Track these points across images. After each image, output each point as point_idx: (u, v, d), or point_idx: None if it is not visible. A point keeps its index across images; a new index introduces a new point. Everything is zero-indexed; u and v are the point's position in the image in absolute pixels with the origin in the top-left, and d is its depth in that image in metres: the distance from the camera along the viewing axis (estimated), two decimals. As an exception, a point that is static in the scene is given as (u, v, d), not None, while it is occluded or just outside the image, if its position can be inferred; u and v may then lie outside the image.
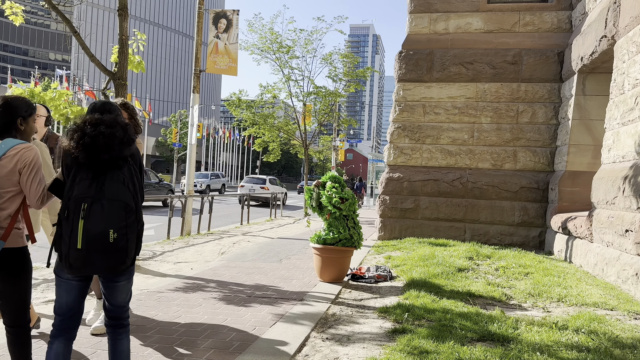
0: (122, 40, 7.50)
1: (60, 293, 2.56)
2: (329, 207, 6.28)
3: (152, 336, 3.94)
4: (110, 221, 2.31)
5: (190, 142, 12.86)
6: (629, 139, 6.49)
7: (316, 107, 19.67)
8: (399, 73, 11.35)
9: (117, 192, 2.39)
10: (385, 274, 6.62)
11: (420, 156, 11.09)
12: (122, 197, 2.39)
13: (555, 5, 10.79)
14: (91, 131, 2.42)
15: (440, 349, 3.59)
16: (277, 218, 18.11)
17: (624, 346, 3.81)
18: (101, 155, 2.40)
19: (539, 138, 10.46)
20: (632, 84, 6.54)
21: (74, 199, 2.34)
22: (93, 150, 2.40)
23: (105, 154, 2.41)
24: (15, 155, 2.61)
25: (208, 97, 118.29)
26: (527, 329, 4.17)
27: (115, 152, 2.43)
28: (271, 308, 4.95)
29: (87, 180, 2.39)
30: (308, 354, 3.75)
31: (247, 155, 71.00)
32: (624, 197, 6.18)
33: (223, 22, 13.24)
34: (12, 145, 2.64)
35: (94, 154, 2.40)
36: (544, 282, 6.12)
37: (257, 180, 27.51)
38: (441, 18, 11.33)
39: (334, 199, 6.25)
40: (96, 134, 2.41)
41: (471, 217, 10.55)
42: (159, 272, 6.92)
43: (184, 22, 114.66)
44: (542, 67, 10.50)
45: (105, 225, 2.30)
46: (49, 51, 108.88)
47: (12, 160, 2.60)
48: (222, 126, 63.27)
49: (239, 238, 11.24)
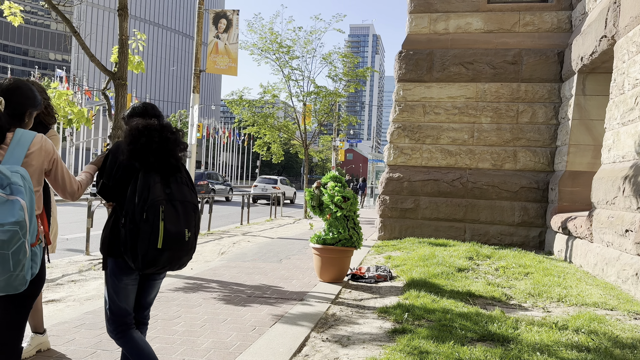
0: (122, 40, 7.49)
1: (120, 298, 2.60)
2: (330, 206, 6.27)
3: (152, 336, 3.94)
4: (185, 222, 2.50)
5: (190, 142, 12.85)
6: (629, 139, 6.49)
7: (316, 107, 19.67)
8: (399, 73, 11.35)
9: (185, 194, 2.56)
10: (385, 274, 6.62)
11: (420, 156, 11.09)
12: (190, 199, 2.57)
13: (555, 5, 10.79)
14: (158, 137, 2.53)
15: (440, 349, 3.59)
16: (277, 218, 18.11)
17: (624, 346, 3.81)
18: (170, 160, 2.55)
19: (539, 138, 10.46)
20: (632, 84, 6.54)
21: (151, 202, 2.42)
22: (163, 155, 2.53)
23: (173, 158, 2.57)
24: (40, 149, 2.34)
25: (208, 97, 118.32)
26: (527, 329, 4.16)
27: (179, 157, 2.62)
28: (271, 308, 4.95)
29: (158, 184, 2.49)
30: (308, 354, 3.75)
31: (247, 155, 70.99)
32: (624, 197, 6.18)
33: (223, 22, 13.24)
34: (32, 138, 2.31)
35: (164, 159, 2.53)
36: (544, 282, 6.12)
37: (269, 180, 29.89)
38: (441, 18, 11.33)
39: (336, 197, 6.25)
40: (164, 139, 2.54)
41: (471, 217, 10.55)
42: (159, 272, 6.91)
43: (184, 22, 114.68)
44: (542, 67, 10.50)
45: (183, 226, 2.48)
46: (49, 51, 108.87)
47: (39, 156, 2.33)
48: (222, 126, 63.23)
49: (239, 238, 11.24)
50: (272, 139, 20.34)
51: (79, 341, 3.75)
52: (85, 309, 4.71)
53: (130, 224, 2.43)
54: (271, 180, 29.79)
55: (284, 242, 10.67)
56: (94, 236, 7.88)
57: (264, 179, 30.30)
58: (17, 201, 1.97)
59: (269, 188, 27.87)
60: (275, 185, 28.90)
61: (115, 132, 7.44)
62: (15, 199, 1.96)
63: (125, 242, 2.45)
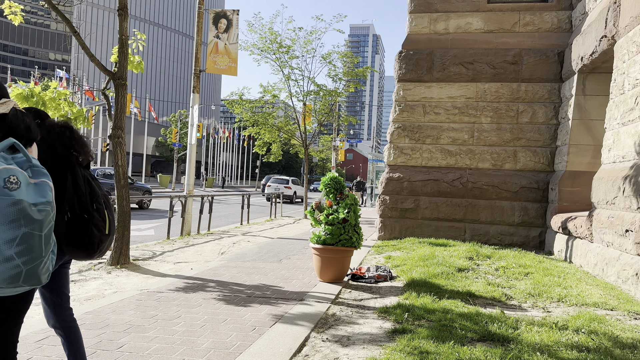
0: (122, 40, 7.50)
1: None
2: (335, 226, 6.27)
3: (152, 336, 3.94)
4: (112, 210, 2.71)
5: (190, 142, 12.86)
6: (629, 139, 6.49)
7: (316, 106, 19.66)
8: (399, 73, 11.35)
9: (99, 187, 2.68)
10: (385, 274, 6.61)
11: (420, 156, 11.09)
12: (103, 192, 2.72)
13: (555, 5, 10.79)
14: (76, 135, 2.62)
15: (440, 349, 3.59)
16: (277, 218, 18.11)
17: (624, 346, 3.81)
18: (89, 157, 2.69)
19: (539, 138, 10.46)
20: (632, 84, 6.54)
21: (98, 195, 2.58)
22: (87, 152, 2.66)
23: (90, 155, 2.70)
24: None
25: (208, 97, 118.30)
26: (527, 329, 4.16)
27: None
28: (271, 308, 4.95)
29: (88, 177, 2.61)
30: (308, 354, 3.75)
31: (247, 155, 70.98)
32: (624, 197, 6.18)
33: (223, 22, 13.24)
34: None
35: (88, 155, 2.67)
36: (544, 282, 6.11)
37: (282, 180, 32.40)
38: (441, 18, 11.33)
39: (336, 220, 6.25)
40: (80, 137, 2.65)
41: (471, 217, 10.55)
42: (159, 272, 6.92)
43: (184, 22, 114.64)
44: (542, 67, 10.50)
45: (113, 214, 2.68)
46: (49, 51, 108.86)
47: None
48: (222, 126, 63.23)
49: (239, 238, 11.24)
50: (272, 138, 20.34)
51: (79, 341, 3.75)
52: (85, 309, 4.71)
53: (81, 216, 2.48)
54: (283, 181, 32.21)
55: (284, 242, 10.67)
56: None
57: (277, 179, 32.64)
58: (46, 183, 1.91)
59: (281, 188, 30.07)
60: (287, 185, 31.50)
61: (115, 132, 7.44)
62: (42, 180, 1.90)
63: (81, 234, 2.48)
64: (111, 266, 7.13)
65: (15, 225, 1.74)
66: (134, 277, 6.56)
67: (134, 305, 4.86)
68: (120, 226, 7.28)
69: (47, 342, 3.70)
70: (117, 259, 7.22)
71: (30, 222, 1.78)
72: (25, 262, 1.78)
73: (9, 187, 1.74)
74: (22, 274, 1.79)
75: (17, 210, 1.74)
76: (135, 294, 5.38)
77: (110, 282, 6.21)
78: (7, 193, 1.73)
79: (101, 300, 5.12)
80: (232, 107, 19.71)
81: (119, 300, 5.11)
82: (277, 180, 32.42)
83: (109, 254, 7.32)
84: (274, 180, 32.32)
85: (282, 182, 31.89)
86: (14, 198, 1.74)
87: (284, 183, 31.77)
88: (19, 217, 1.75)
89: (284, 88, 18.67)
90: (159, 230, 12.47)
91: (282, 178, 33.03)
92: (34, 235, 1.80)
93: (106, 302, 5.03)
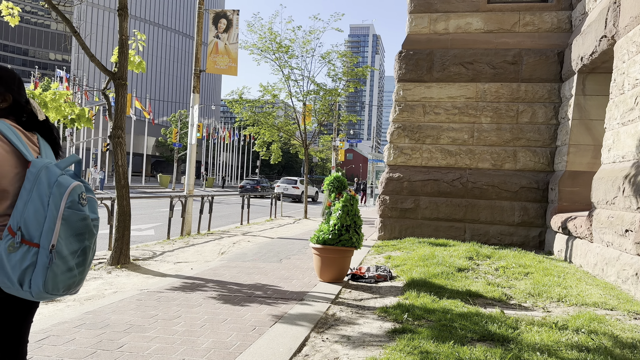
0: (122, 40, 7.50)
1: None
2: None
3: (152, 336, 3.94)
4: None
5: (190, 142, 12.87)
6: (629, 139, 6.49)
7: (316, 106, 19.65)
8: (399, 73, 11.35)
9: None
10: (385, 274, 6.62)
11: (420, 156, 11.09)
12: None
13: (555, 5, 10.79)
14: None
15: (440, 349, 3.59)
16: (277, 218, 18.11)
17: (624, 346, 3.81)
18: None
19: (539, 138, 10.46)
20: (632, 84, 6.54)
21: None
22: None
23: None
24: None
25: (208, 97, 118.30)
26: (527, 329, 4.17)
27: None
28: (271, 308, 4.95)
29: None
30: (308, 354, 3.75)
31: (247, 155, 70.97)
32: (624, 197, 6.18)
33: (223, 22, 13.25)
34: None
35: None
36: (544, 282, 6.12)
37: (290, 181, 34.23)
38: (441, 18, 11.33)
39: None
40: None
41: (471, 217, 10.55)
42: (159, 272, 6.93)
43: (184, 22, 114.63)
44: (542, 67, 10.50)
45: None
46: (49, 51, 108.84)
47: None
48: (222, 126, 63.21)
49: (239, 238, 11.24)
50: (272, 138, 20.34)
51: (79, 341, 3.75)
52: (85, 309, 4.71)
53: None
54: (292, 181, 34.16)
55: (284, 242, 10.67)
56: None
57: (286, 179, 34.63)
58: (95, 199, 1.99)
59: (289, 188, 32.52)
60: (295, 185, 33.38)
61: (115, 132, 7.45)
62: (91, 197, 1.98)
63: None
64: (111, 266, 7.13)
65: (81, 238, 1.86)
66: (134, 277, 6.56)
67: (134, 305, 4.87)
68: (121, 226, 7.29)
69: (47, 342, 3.71)
70: (117, 258, 7.23)
71: (91, 236, 1.91)
72: (80, 273, 1.91)
73: (82, 202, 1.85)
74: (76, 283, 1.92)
75: (85, 225, 1.86)
76: (136, 294, 5.39)
77: (110, 282, 6.21)
78: (80, 208, 1.84)
79: (101, 300, 5.12)
80: (232, 106, 19.72)
81: (119, 300, 5.11)
82: (286, 180, 34.52)
83: (110, 254, 7.33)
84: (283, 181, 34.46)
85: (291, 182, 33.79)
86: (84, 213, 1.86)
87: (292, 183, 33.66)
88: (85, 232, 1.87)
89: (284, 88, 18.68)
90: (159, 230, 12.47)
91: (290, 178, 34.96)
92: (90, 249, 1.93)
93: (106, 302, 5.04)
